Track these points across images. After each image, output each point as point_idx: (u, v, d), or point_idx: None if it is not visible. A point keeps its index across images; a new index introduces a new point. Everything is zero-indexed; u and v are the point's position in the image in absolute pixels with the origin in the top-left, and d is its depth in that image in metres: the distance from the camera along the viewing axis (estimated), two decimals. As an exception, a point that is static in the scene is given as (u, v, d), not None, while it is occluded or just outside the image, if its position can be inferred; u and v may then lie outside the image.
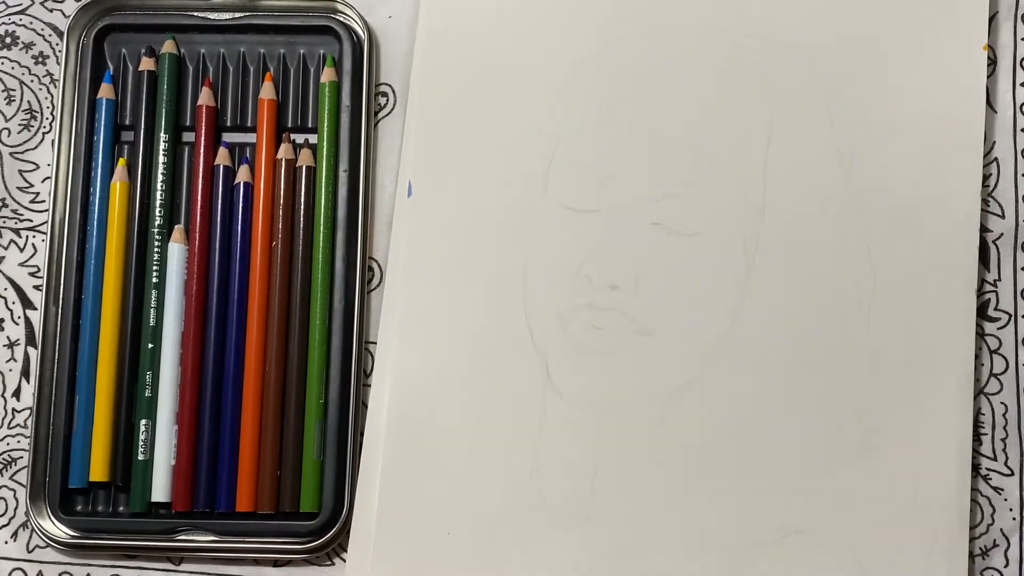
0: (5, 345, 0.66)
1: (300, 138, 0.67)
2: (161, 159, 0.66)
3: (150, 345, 0.64)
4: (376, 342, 0.65)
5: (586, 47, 0.66)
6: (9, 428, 0.65)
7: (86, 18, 0.67)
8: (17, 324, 0.66)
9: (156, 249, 0.65)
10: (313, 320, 0.64)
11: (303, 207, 0.65)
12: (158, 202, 0.65)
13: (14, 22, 0.69)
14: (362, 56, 0.67)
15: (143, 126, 0.66)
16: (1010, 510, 0.64)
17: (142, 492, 0.63)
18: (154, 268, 0.65)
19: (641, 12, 0.67)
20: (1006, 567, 0.64)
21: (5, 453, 0.65)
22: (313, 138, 0.67)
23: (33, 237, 0.67)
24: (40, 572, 0.64)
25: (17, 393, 0.66)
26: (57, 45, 0.68)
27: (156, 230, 0.65)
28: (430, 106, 0.66)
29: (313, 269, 0.65)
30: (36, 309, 0.66)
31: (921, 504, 0.62)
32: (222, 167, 0.66)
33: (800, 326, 0.64)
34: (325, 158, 0.66)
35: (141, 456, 0.64)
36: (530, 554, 0.62)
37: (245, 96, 0.68)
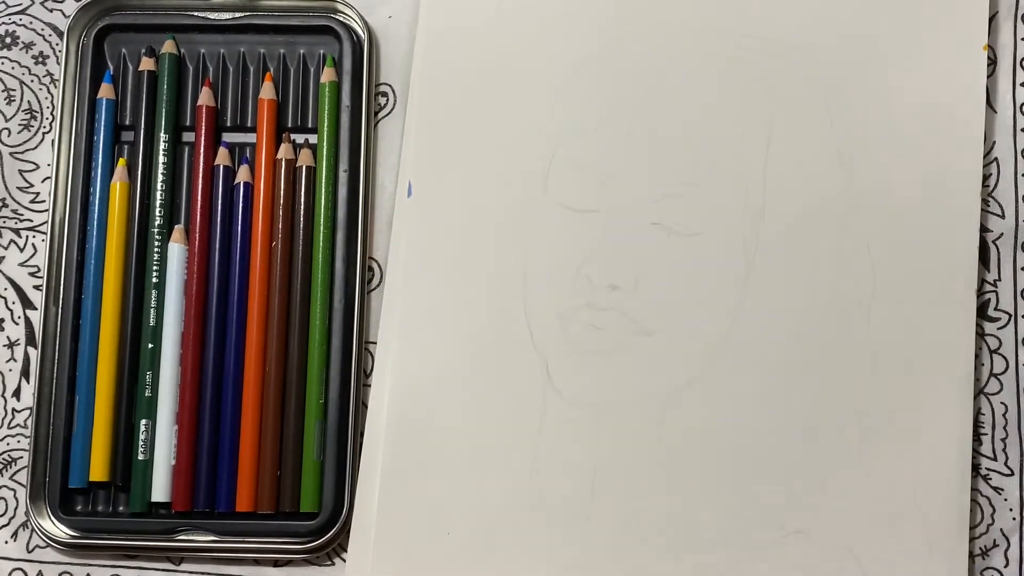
0: (5, 345, 0.66)
1: (300, 138, 0.67)
2: (161, 159, 0.66)
3: (150, 345, 0.64)
4: (376, 342, 0.65)
5: (586, 47, 0.66)
6: (9, 428, 0.65)
7: (86, 18, 0.67)
8: (17, 324, 0.66)
9: (156, 249, 0.65)
10: (313, 320, 0.64)
11: (303, 207, 0.65)
12: (158, 202, 0.65)
13: (14, 22, 0.69)
14: (362, 56, 0.67)
15: (143, 126, 0.66)
16: (1010, 510, 0.64)
17: (142, 492, 0.63)
18: (154, 268, 0.65)
19: (641, 12, 0.67)
20: (1006, 567, 0.64)
21: (5, 453, 0.65)
22: (313, 138, 0.67)
23: (33, 237, 0.67)
24: (40, 572, 0.64)
25: (17, 393, 0.66)
26: (57, 45, 0.68)
27: (156, 230, 0.65)
28: (430, 106, 0.66)
29: (313, 269, 0.65)
30: (36, 309, 0.66)
31: (921, 504, 0.62)
32: (222, 167, 0.66)
33: (800, 326, 0.64)
34: (325, 158, 0.66)
35: (141, 456, 0.64)
36: (530, 554, 0.62)
37: (245, 96, 0.68)
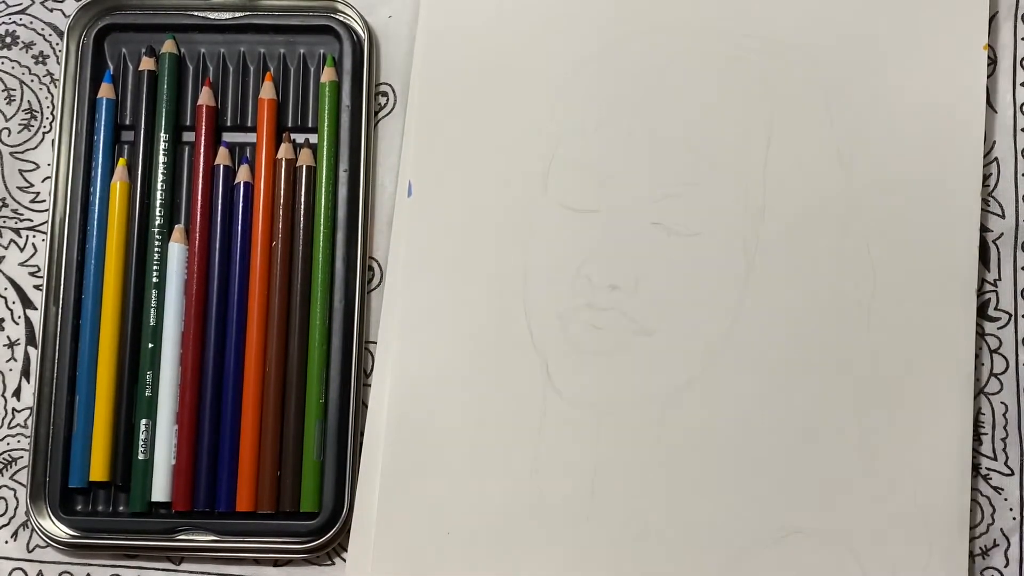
0: (5, 345, 0.66)
1: (300, 138, 0.67)
2: (161, 159, 0.66)
3: (150, 345, 0.64)
4: (376, 342, 0.65)
5: (586, 47, 0.66)
6: (9, 428, 0.65)
7: (86, 18, 0.67)
8: (17, 324, 0.66)
9: (156, 249, 0.65)
10: (313, 320, 0.64)
11: (303, 207, 0.65)
12: (158, 202, 0.65)
13: (14, 22, 0.69)
14: (362, 56, 0.67)
15: (143, 126, 0.66)
16: (1010, 510, 0.64)
17: (142, 492, 0.63)
18: (154, 268, 0.65)
19: (641, 12, 0.67)
20: (1006, 567, 0.64)
21: (5, 453, 0.65)
22: (313, 138, 0.67)
23: (33, 237, 0.67)
24: (40, 572, 0.64)
25: (17, 393, 0.66)
26: (57, 45, 0.68)
27: (156, 230, 0.65)
28: (430, 106, 0.66)
29: (313, 269, 0.65)
30: (36, 309, 0.66)
31: (921, 504, 0.62)
32: (222, 167, 0.66)
33: (800, 326, 0.64)
34: (325, 158, 0.66)
35: (141, 456, 0.64)
36: (530, 554, 0.62)
37: (245, 96, 0.68)
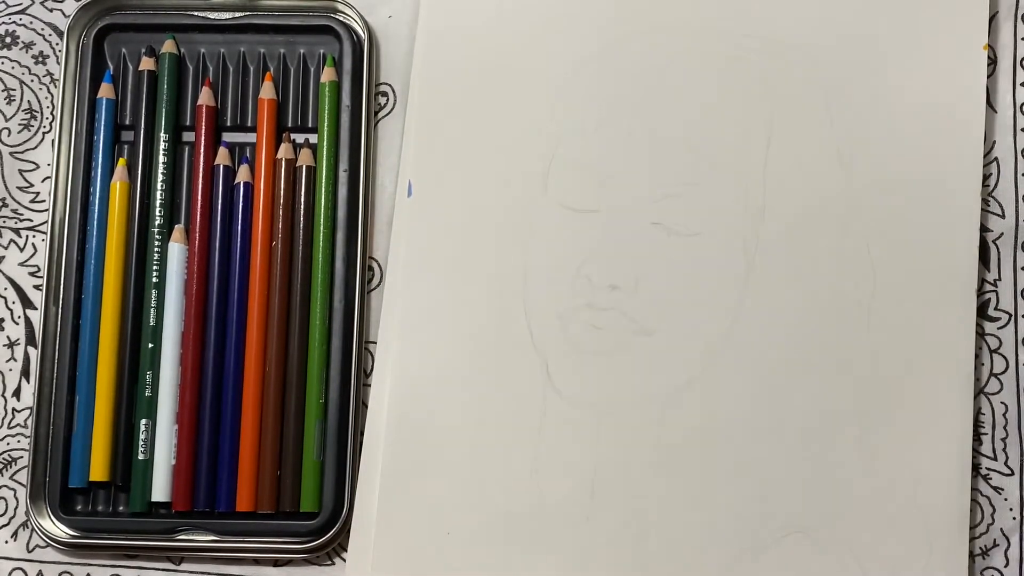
0: (5, 345, 0.66)
1: (300, 138, 0.67)
2: (161, 159, 0.66)
3: (150, 345, 0.64)
4: (376, 342, 0.65)
5: (586, 47, 0.66)
6: (9, 428, 0.65)
7: (86, 18, 0.67)
8: (17, 324, 0.66)
9: (156, 249, 0.65)
10: (313, 320, 0.64)
11: (303, 207, 0.65)
12: (158, 202, 0.65)
13: (14, 22, 0.69)
14: (362, 56, 0.67)
15: (143, 126, 0.66)
16: (1010, 510, 0.64)
17: (142, 492, 0.63)
18: (154, 268, 0.65)
19: (641, 12, 0.67)
20: (1006, 567, 0.64)
21: (5, 453, 0.65)
22: (313, 138, 0.67)
23: (33, 237, 0.67)
24: (40, 572, 0.64)
25: (17, 393, 0.66)
26: (57, 45, 0.68)
27: (156, 230, 0.65)
28: (430, 106, 0.66)
29: (313, 269, 0.65)
30: (36, 309, 0.66)
31: (921, 504, 0.62)
32: (222, 167, 0.66)
33: (800, 326, 0.64)
34: (325, 158, 0.66)
35: (141, 456, 0.64)
36: (530, 554, 0.62)
37: (245, 96, 0.68)
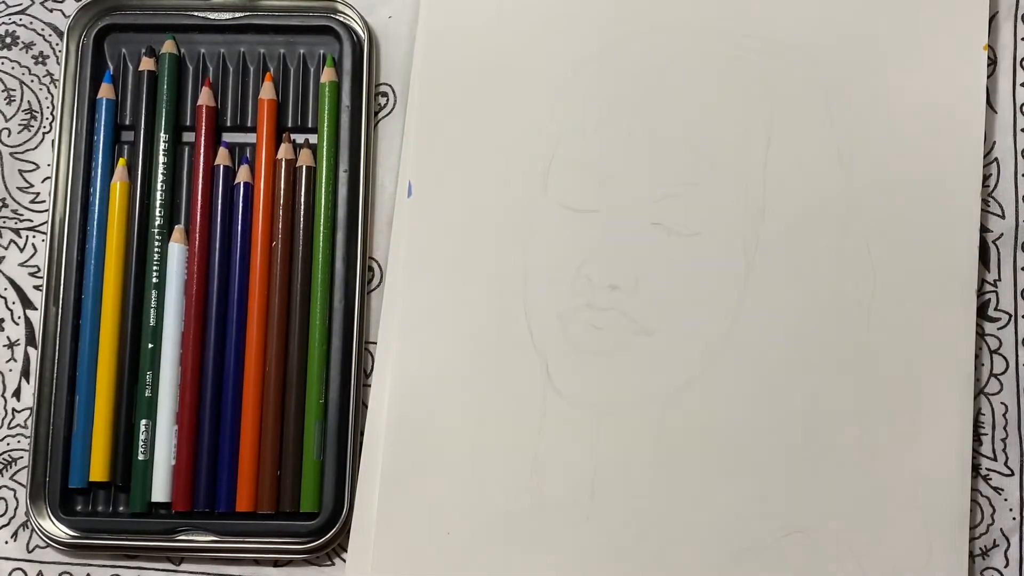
0: (5, 345, 0.66)
1: (300, 138, 0.67)
2: (161, 159, 0.66)
3: (150, 345, 0.64)
4: (376, 342, 0.65)
5: (586, 47, 0.66)
6: (9, 428, 0.65)
7: (86, 18, 0.67)
8: (17, 324, 0.66)
9: (156, 249, 0.65)
10: (313, 320, 0.64)
11: (303, 207, 0.65)
12: (158, 202, 0.65)
13: (14, 22, 0.69)
14: (362, 56, 0.67)
15: (143, 126, 0.66)
16: (1010, 510, 0.64)
17: (142, 492, 0.63)
18: (154, 268, 0.65)
19: (641, 12, 0.67)
20: (1006, 567, 0.64)
21: (5, 453, 0.65)
22: (313, 138, 0.67)
23: (33, 237, 0.67)
24: (40, 572, 0.64)
25: (17, 393, 0.66)
26: (57, 45, 0.68)
27: (156, 230, 0.65)
28: (430, 106, 0.66)
29: (313, 269, 0.65)
30: (36, 309, 0.66)
31: (921, 504, 0.62)
32: (222, 167, 0.66)
33: (800, 326, 0.64)
34: (325, 158, 0.66)
35: (141, 456, 0.64)
36: (530, 554, 0.62)
37: (245, 96, 0.68)
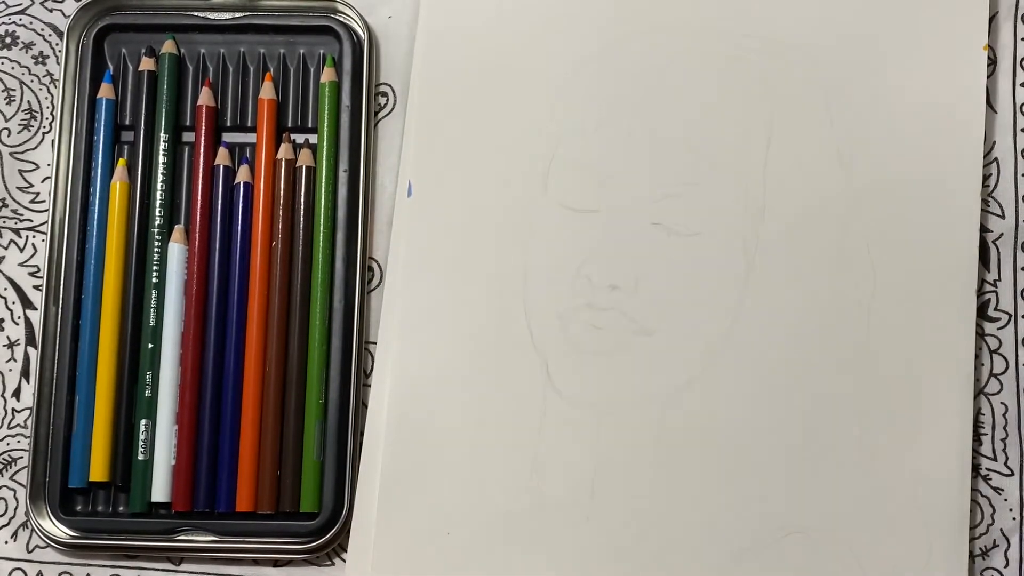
0: (5, 345, 0.66)
1: (300, 138, 0.67)
2: (161, 159, 0.66)
3: (150, 345, 0.64)
4: (376, 342, 0.65)
5: (586, 47, 0.66)
6: (9, 428, 0.65)
7: (86, 18, 0.67)
8: (17, 324, 0.66)
9: (156, 249, 0.65)
10: (313, 320, 0.64)
11: (303, 207, 0.65)
12: (158, 202, 0.65)
13: (14, 22, 0.69)
14: (362, 56, 0.67)
15: (143, 126, 0.66)
16: (1010, 510, 0.64)
17: (142, 492, 0.63)
18: (154, 268, 0.65)
19: (641, 12, 0.67)
20: (1006, 567, 0.64)
21: (5, 453, 0.65)
22: (313, 138, 0.67)
23: (33, 237, 0.67)
24: (40, 572, 0.64)
25: (17, 393, 0.66)
26: (57, 45, 0.68)
27: (156, 230, 0.65)
28: (430, 106, 0.66)
29: (313, 269, 0.65)
30: (36, 309, 0.66)
31: (921, 504, 0.62)
32: (222, 167, 0.66)
33: (800, 326, 0.64)
34: (325, 158, 0.66)
35: (141, 456, 0.64)
36: (530, 554, 0.62)
37: (245, 96, 0.68)
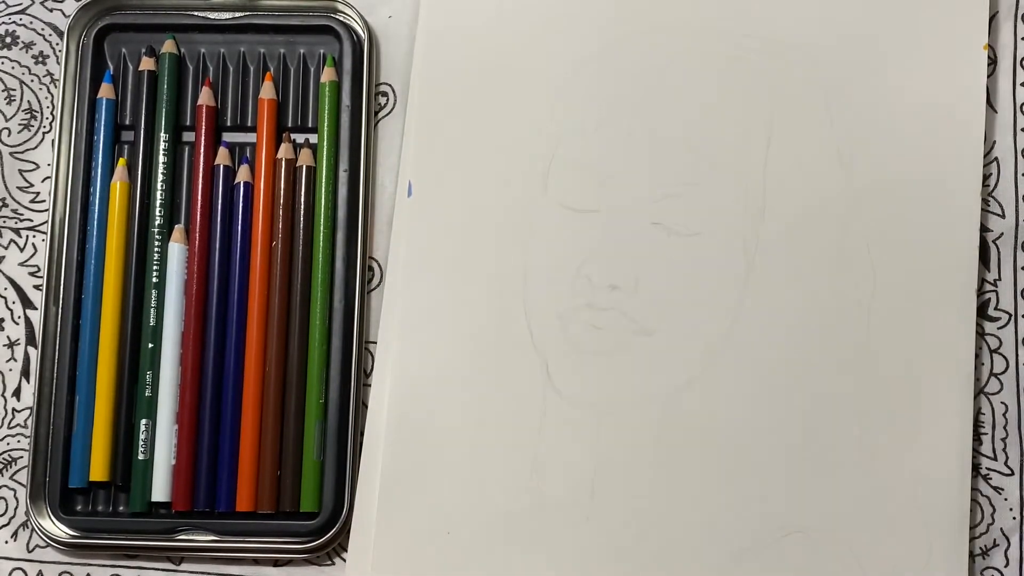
0: (5, 345, 0.66)
1: (300, 138, 0.67)
2: (161, 159, 0.66)
3: (150, 345, 0.64)
4: (376, 342, 0.65)
5: (586, 47, 0.66)
6: (9, 428, 0.65)
7: (86, 18, 0.67)
8: (17, 324, 0.66)
9: (156, 249, 0.65)
10: (313, 320, 0.64)
11: (303, 207, 0.65)
12: (158, 202, 0.65)
13: (14, 22, 0.69)
14: (362, 56, 0.67)
15: (143, 126, 0.66)
16: (1010, 510, 0.64)
17: (142, 492, 0.63)
18: (154, 268, 0.65)
19: (641, 12, 0.67)
20: (1006, 567, 0.64)
21: (5, 453, 0.65)
22: (313, 138, 0.67)
23: (33, 237, 0.67)
24: (40, 572, 0.64)
25: (17, 393, 0.66)
26: (57, 45, 0.68)
27: (156, 230, 0.65)
28: (430, 106, 0.66)
29: (313, 269, 0.65)
30: (36, 309, 0.66)
31: (921, 504, 0.62)
32: (222, 167, 0.66)
33: (800, 326, 0.64)
34: (325, 158, 0.66)
35: (141, 456, 0.64)
36: (530, 554, 0.62)
37: (245, 96, 0.68)
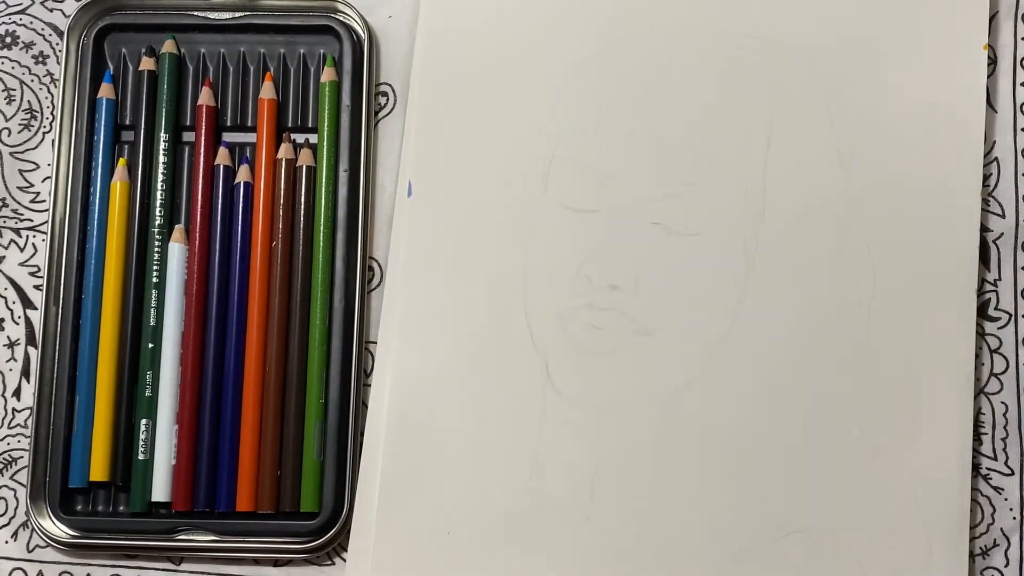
0: (5, 345, 0.66)
1: (300, 138, 0.67)
2: (161, 159, 0.66)
3: (150, 345, 0.64)
4: (376, 342, 0.65)
5: (586, 47, 0.66)
6: (9, 428, 0.65)
7: (86, 18, 0.67)
8: (17, 324, 0.66)
9: (156, 249, 0.65)
10: (313, 320, 0.64)
11: (303, 207, 0.65)
12: (158, 202, 0.65)
13: (14, 22, 0.69)
14: (362, 56, 0.67)
15: (143, 126, 0.66)
16: (1010, 510, 0.64)
17: (142, 492, 0.63)
18: (154, 268, 0.65)
19: (641, 12, 0.67)
20: (1006, 567, 0.64)
21: (5, 453, 0.65)
22: (313, 138, 0.67)
23: (33, 237, 0.67)
24: (40, 572, 0.64)
25: (17, 393, 0.66)
26: (57, 45, 0.68)
27: (156, 230, 0.65)
28: (430, 106, 0.66)
29: (313, 269, 0.65)
30: (36, 309, 0.66)
31: (921, 504, 0.62)
32: (222, 167, 0.66)
33: (800, 326, 0.64)
34: (325, 158, 0.66)
35: (141, 456, 0.64)
36: (530, 554, 0.62)
37: (245, 96, 0.68)
